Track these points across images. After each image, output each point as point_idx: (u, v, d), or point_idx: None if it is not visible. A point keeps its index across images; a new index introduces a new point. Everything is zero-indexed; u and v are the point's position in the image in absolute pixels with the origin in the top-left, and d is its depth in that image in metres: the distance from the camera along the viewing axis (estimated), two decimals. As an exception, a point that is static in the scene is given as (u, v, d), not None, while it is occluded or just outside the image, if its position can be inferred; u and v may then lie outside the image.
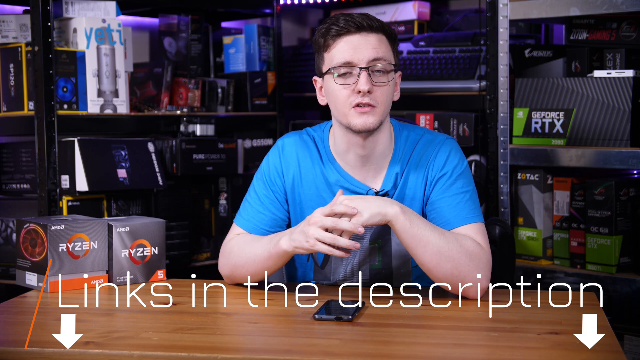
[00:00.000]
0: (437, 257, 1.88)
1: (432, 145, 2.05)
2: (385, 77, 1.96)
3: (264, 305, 1.95)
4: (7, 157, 2.93)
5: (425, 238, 1.88)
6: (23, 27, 2.86)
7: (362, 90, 1.93)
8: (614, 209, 2.62)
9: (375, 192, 2.04)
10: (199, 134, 3.15)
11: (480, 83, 3.01)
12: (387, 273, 2.07)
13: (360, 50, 1.94)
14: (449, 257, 1.88)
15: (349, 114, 1.97)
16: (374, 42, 1.96)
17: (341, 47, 1.95)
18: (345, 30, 1.95)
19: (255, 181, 2.13)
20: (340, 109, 1.98)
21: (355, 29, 1.95)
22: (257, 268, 1.99)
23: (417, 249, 1.89)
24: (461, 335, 1.70)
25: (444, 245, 1.89)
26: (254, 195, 2.11)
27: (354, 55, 1.94)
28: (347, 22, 1.95)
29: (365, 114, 1.95)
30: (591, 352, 1.56)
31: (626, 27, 2.68)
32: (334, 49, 1.97)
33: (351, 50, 1.94)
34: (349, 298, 1.91)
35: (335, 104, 1.99)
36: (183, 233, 3.12)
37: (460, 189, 2.01)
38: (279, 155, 2.12)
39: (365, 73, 1.93)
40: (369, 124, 1.96)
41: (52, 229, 2.05)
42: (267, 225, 2.09)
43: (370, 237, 2.05)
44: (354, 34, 1.95)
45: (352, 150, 2.03)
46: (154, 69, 3.25)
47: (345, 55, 1.95)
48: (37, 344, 1.62)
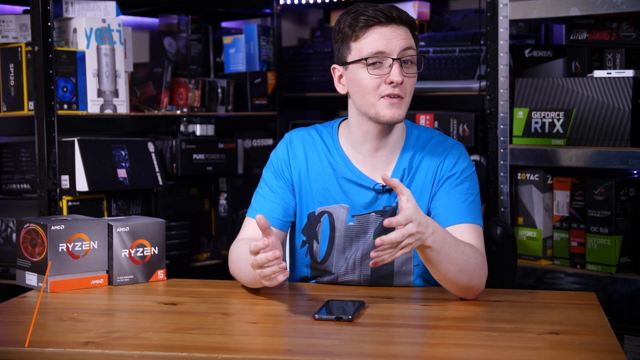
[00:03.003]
0: (456, 274, 1.89)
1: (443, 146, 2.08)
2: (414, 68, 1.99)
3: (264, 305, 1.95)
4: (7, 157, 2.93)
5: (450, 261, 1.87)
6: (23, 27, 2.85)
7: (396, 81, 1.95)
8: (614, 209, 2.62)
9: (382, 186, 2.05)
10: (199, 134, 3.15)
11: (480, 83, 3.01)
12: (388, 269, 2.08)
13: (393, 41, 1.96)
14: (466, 272, 1.90)
15: (377, 104, 1.98)
16: (403, 33, 1.98)
17: (372, 37, 1.96)
18: (376, 21, 1.96)
19: (265, 174, 2.15)
20: (368, 99, 1.99)
21: (385, 19, 1.96)
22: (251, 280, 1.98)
23: (439, 269, 1.89)
24: (461, 335, 1.70)
25: (464, 262, 1.89)
26: (265, 187, 2.13)
27: (387, 46, 1.95)
28: (375, 12, 1.96)
29: (394, 105, 1.97)
30: (591, 352, 1.56)
31: (626, 27, 2.68)
32: (364, 39, 1.97)
33: (384, 40, 1.95)
34: (350, 298, 1.92)
35: (363, 93, 1.99)
36: (183, 233, 3.12)
37: (466, 190, 2.04)
38: (286, 147, 2.14)
39: (397, 64, 1.95)
40: (396, 116, 1.98)
41: (52, 229, 2.05)
42: (280, 215, 2.09)
43: (373, 232, 2.06)
44: (384, 25, 1.96)
45: (368, 139, 2.05)
46: (154, 69, 3.25)
47: (378, 45, 1.96)
48: (37, 344, 1.62)
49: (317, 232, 2.10)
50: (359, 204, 2.07)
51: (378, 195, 2.06)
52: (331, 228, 2.09)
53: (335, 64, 2.07)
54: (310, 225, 2.11)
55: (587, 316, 1.81)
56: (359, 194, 2.07)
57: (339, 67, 2.06)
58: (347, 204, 2.07)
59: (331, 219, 2.09)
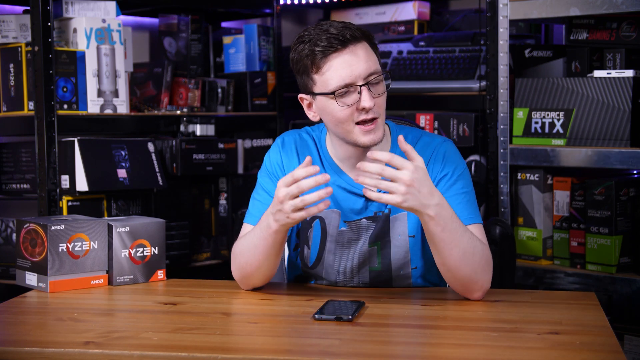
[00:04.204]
0: (460, 261, 1.87)
1: (430, 147, 2.04)
2: (382, 85, 1.96)
3: (264, 305, 1.95)
4: (7, 157, 2.93)
5: (454, 242, 1.85)
6: (23, 27, 2.85)
7: (368, 107, 1.91)
8: (614, 209, 2.62)
9: None
10: (199, 134, 3.15)
11: (480, 83, 3.01)
12: (386, 275, 2.06)
13: (355, 67, 1.91)
14: (471, 262, 1.87)
15: (353, 131, 1.95)
16: (363, 54, 1.92)
17: (335, 67, 1.91)
18: (333, 50, 1.91)
19: (261, 179, 2.12)
20: (343, 127, 1.95)
21: (341, 44, 1.91)
22: (260, 259, 1.96)
23: (443, 251, 1.87)
24: (461, 335, 1.70)
25: (470, 250, 1.87)
26: (262, 192, 2.09)
27: (351, 75, 1.91)
28: (330, 41, 1.91)
29: (371, 131, 1.94)
30: (591, 352, 1.56)
31: (626, 27, 2.68)
32: (327, 71, 1.92)
33: (347, 70, 1.91)
34: (349, 298, 1.92)
35: (337, 123, 1.95)
36: (183, 233, 3.12)
37: (461, 189, 2.01)
38: (279, 151, 2.11)
39: (366, 89, 1.91)
40: (376, 139, 1.95)
41: (52, 229, 2.05)
42: None
43: (369, 239, 2.05)
44: (341, 50, 1.91)
45: (352, 155, 2.03)
46: (154, 69, 3.25)
47: (343, 76, 1.91)
48: (37, 344, 1.62)
49: (308, 237, 2.08)
50: (350, 210, 2.04)
51: (368, 202, 2.03)
52: (322, 233, 2.06)
53: (301, 94, 2.03)
54: (302, 230, 2.09)
55: (587, 316, 1.81)
56: (349, 200, 2.04)
57: (306, 96, 2.02)
58: (339, 209, 2.06)
59: (323, 224, 2.06)
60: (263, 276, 2.01)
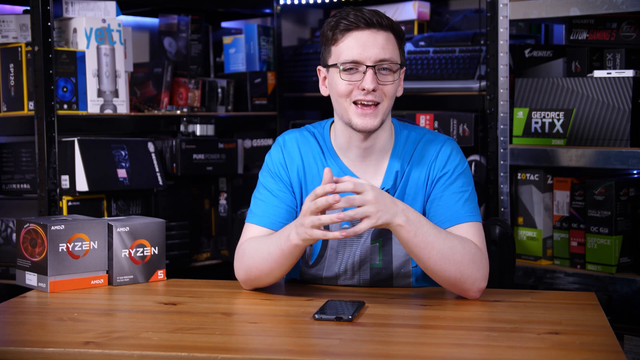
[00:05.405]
0: (440, 262, 1.89)
1: (433, 145, 2.06)
2: (391, 75, 1.98)
3: (264, 305, 1.95)
4: (7, 157, 2.93)
5: (430, 245, 1.88)
6: (23, 27, 2.85)
7: (367, 88, 1.94)
8: (614, 209, 2.62)
9: None
10: (199, 134, 3.15)
11: (480, 83, 3.01)
12: (387, 272, 2.07)
13: (368, 48, 1.95)
14: (452, 261, 1.89)
15: (349, 110, 1.98)
16: (382, 41, 1.96)
17: (349, 42, 1.96)
18: (355, 26, 1.96)
19: (262, 179, 2.12)
20: (341, 103, 1.99)
21: (365, 25, 1.96)
22: (272, 266, 1.96)
23: (421, 256, 1.90)
24: (461, 335, 1.70)
25: (448, 250, 1.89)
26: (265, 191, 2.09)
27: (362, 54, 1.95)
28: (356, 17, 1.96)
29: (367, 115, 1.96)
30: (591, 352, 1.56)
31: (626, 27, 2.68)
32: (342, 44, 1.97)
33: (359, 48, 1.95)
34: (349, 298, 1.92)
35: (337, 97, 2.00)
36: (183, 233, 3.12)
37: (460, 188, 2.02)
38: (281, 150, 2.11)
39: (371, 71, 1.94)
40: (369, 126, 1.97)
41: (52, 229, 2.05)
42: (284, 218, 2.05)
43: (371, 236, 2.05)
44: (363, 30, 1.96)
45: (353, 145, 2.04)
46: (154, 69, 3.25)
47: (354, 52, 1.95)
48: (37, 344, 1.62)
49: None
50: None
51: None
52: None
53: (319, 66, 2.08)
54: None
55: (587, 316, 1.81)
56: None
57: (322, 69, 2.06)
58: None
59: None
60: (270, 281, 2.02)
